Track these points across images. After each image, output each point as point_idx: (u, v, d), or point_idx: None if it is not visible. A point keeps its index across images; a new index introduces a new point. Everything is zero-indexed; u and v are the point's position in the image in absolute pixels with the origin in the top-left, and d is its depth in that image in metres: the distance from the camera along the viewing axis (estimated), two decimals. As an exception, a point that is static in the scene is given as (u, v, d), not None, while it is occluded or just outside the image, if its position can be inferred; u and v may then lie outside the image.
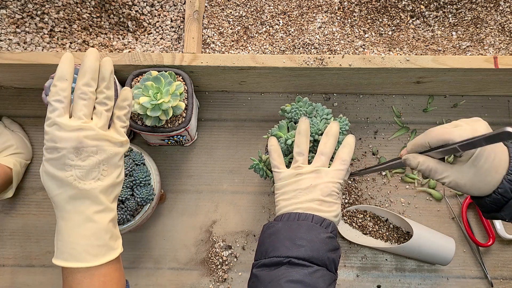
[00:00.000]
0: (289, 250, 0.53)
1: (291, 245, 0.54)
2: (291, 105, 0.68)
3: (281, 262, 0.53)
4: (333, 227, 0.57)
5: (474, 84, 0.79)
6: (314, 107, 0.68)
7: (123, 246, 0.79)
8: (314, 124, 0.64)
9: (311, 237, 0.54)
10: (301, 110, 0.66)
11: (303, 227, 0.55)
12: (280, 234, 0.55)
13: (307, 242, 0.54)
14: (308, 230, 0.55)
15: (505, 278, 0.77)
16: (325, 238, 0.55)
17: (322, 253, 0.53)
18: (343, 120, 0.68)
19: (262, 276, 0.53)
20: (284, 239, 0.55)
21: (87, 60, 0.53)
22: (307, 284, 0.51)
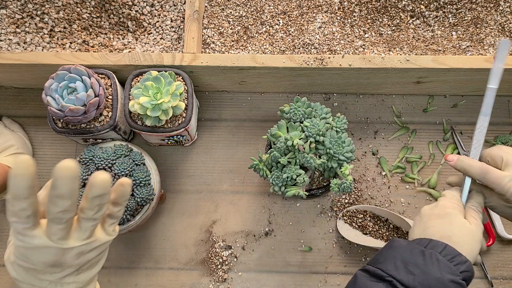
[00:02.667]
0: (396, 271, 0.47)
1: (401, 266, 0.47)
2: (290, 105, 0.68)
3: (383, 278, 0.47)
4: (468, 267, 0.47)
5: (474, 84, 0.79)
6: (313, 107, 0.68)
7: (123, 246, 0.80)
8: (314, 125, 0.64)
9: (429, 270, 0.46)
10: (299, 111, 0.66)
11: (425, 256, 0.47)
12: (398, 251, 0.49)
13: (421, 273, 0.46)
14: (430, 262, 0.46)
15: (505, 278, 0.77)
16: (447, 280, 0.45)
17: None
18: (341, 119, 0.68)
19: (360, 279, 0.49)
20: (398, 258, 0.48)
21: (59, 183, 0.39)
22: None
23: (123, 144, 0.73)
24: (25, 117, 0.86)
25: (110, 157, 0.69)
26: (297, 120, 0.66)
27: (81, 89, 0.68)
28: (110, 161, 0.69)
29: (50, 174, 0.83)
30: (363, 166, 0.83)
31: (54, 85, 0.68)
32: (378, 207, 0.79)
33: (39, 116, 0.85)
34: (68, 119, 0.68)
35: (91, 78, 0.69)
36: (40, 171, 0.83)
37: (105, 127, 0.71)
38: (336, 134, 0.65)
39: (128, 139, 0.81)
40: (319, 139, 0.64)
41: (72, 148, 0.84)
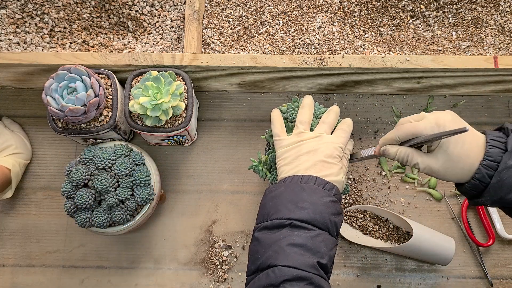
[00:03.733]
0: (292, 212, 0.52)
1: (293, 207, 0.53)
2: (287, 105, 0.68)
3: (283, 224, 0.52)
4: (336, 190, 0.56)
5: (474, 84, 0.79)
6: None
7: (123, 246, 0.80)
8: (313, 124, 0.64)
9: (314, 199, 0.53)
10: (296, 111, 0.66)
11: (306, 190, 0.54)
12: (283, 196, 0.55)
13: (310, 205, 0.53)
14: (311, 193, 0.54)
15: (505, 278, 0.77)
16: (328, 201, 0.54)
17: (324, 216, 0.53)
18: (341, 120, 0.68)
19: (263, 239, 0.53)
20: (286, 201, 0.54)
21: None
22: (308, 248, 0.50)
23: (123, 144, 0.73)
24: (25, 117, 0.86)
25: (110, 157, 0.69)
26: (294, 120, 0.66)
27: (81, 89, 0.68)
28: (110, 161, 0.69)
29: (49, 174, 0.83)
30: (363, 166, 0.83)
31: (54, 85, 0.68)
32: (378, 207, 0.79)
33: (39, 116, 0.85)
34: (68, 119, 0.68)
35: (91, 78, 0.69)
36: (40, 171, 0.83)
37: (105, 127, 0.71)
38: None
39: (128, 139, 0.81)
40: None
41: (72, 148, 0.84)
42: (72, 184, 0.68)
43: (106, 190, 0.67)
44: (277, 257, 0.50)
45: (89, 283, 0.78)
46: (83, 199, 0.67)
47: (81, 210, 0.68)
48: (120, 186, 0.69)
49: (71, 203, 0.68)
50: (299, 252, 0.50)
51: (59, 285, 0.78)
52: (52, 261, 0.79)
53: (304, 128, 0.62)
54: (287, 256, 0.49)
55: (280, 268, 0.49)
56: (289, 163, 0.59)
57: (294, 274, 0.48)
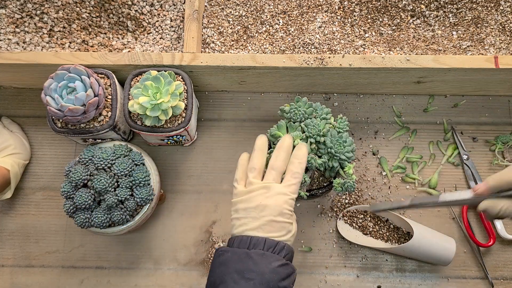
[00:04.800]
0: (237, 284, 0.51)
1: (239, 278, 0.51)
2: (290, 105, 0.68)
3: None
4: (287, 249, 0.55)
5: (475, 84, 0.79)
6: (314, 107, 0.68)
7: (123, 246, 0.79)
8: (314, 126, 0.64)
9: (261, 268, 0.52)
10: (300, 110, 0.66)
11: (252, 258, 0.52)
12: (230, 265, 0.53)
13: (256, 275, 0.51)
14: (259, 260, 0.52)
15: (506, 279, 0.77)
16: (276, 267, 0.52)
17: (272, 284, 0.51)
18: (343, 120, 0.68)
19: None
20: (233, 271, 0.52)
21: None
22: None
23: (123, 144, 0.73)
24: (25, 117, 0.85)
25: (110, 157, 0.69)
26: (297, 120, 0.66)
27: (80, 89, 0.67)
28: (110, 161, 0.69)
29: (49, 174, 0.83)
30: (364, 166, 0.82)
31: (54, 85, 0.68)
32: (379, 207, 0.78)
33: (38, 116, 0.85)
34: (68, 119, 0.68)
35: (91, 78, 0.69)
36: (39, 171, 0.83)
37: (105, 127, 0.71)
38: (336, 134, 0.65)
39: (127, 139, 0.81)
40: (319, 140, 0.64)
41: (71, 148, 0.84)
42: (71, 184, 0.67)
43: (105, 190, 0.67)
44: None
45: (88, 284, 0.78)
46: (82, 199, 0.66)
47: (80, 210, 0.68)
48: (119, 186, 0.68)
49: (71, 203, 0.68)
50: None
51: (59, 285, 0.78)
52: (51, 262, 0.79)
53: (254, 177, 0.59)
54: None
55: None
56: (239, 217, 0.58)
57: None
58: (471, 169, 0.81)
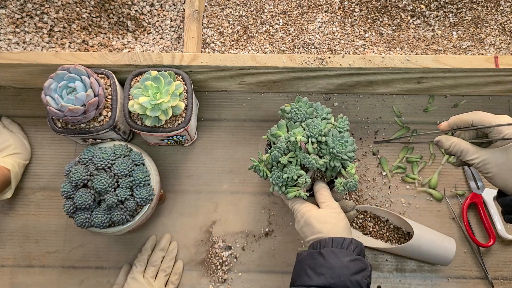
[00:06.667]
0: (310, 279, 0.55)
1: (312, 273, 0.55)
2: (291, 105, 0.68)
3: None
4: (355, 244, 0.58)
5: (475, 84, 0.79)
6: (314, 107, 0.68)
7: (123, 246, 0.79)
8: (315, 125, 0.64)
9: (331, 264, 0.55)
10: (300, 110, 0.66)
11: (323, 255, 0.56)
12: (304, 263, 0.58)
13: (327, 270, 0.55)
14: (329, 257, 0.56)
15: (506, 279, 0.77)
16: (347, 262, 0.55)
17: (343, 278, 0.54)
18: (344, 119, 0.68)
19: None
20: (307, 268, 0.57)
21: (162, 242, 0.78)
22: None
23: (123, 144, 0.73)
24: (25, 117, 0.85)
25: (110, 157, 0.69)
26: (298, 120, 0.66)
27: (80, 89, 0.67)
28: (110, 161, 0.69)
29: (49, 174, 0.83)
30: (364, 166, 0.82)
31: (54, 85, 0.68)
32: (379, 208, 0.78)
33: (38, 116, 0.85)
34: (68, 119, 0.68)
35: (91, 78, 0.69)
36: (39, 171, 0.83)
37: (105, 127, 0.71)
38: (338, 134, 0.65)
39: (127, 139, 0.81)
40: (321, 139, 0.64)
41: (71, 148, 0.84)
42: (71, 184, 0.67)
43: (105, 191, 0.67)
44: None
45: (88, 284, 0.78)
46: (82, 199, 0.66)
47: (80, 211, 0.68)
48: (119, 187, 0.68)
49: (71, 203, 0.68)
50: None
51: (59, 285, 0.78)
52: (51, 262, 0.79)
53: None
54: None
55: None
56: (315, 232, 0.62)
57: None
58: (471, 169, 0.81)
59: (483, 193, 0.79)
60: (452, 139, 0.57)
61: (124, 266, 0.77)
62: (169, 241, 0.79)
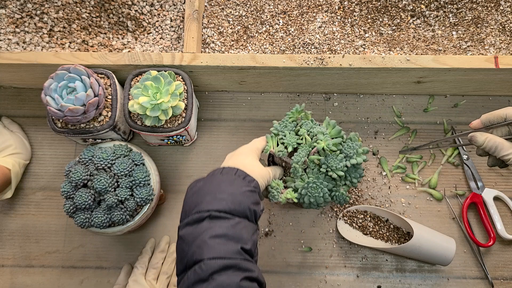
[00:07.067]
0: (210, 204, 0.53)
1: (212, 199, 0.54)
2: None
3: (202, 217, 0.53)
4: (256, 184, 0.58)
5: (475, 84, 0.79)
6: (352, 139, 0.66)
7: (123, 247, 0.79)
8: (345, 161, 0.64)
9: (232, 190, 0.55)
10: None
11: (224, 182, 0.56)
12: (202, 190, 0.56)
13: (228, 195, 0.54)
14: (230, 184, 0.56)
15: (506, 279, 0.77)
16: (246, 191, 0.55)
17: (243, 205, 0.54)
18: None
19: (186, 235, 0.53)
20: (205, 194, 0.55)
21: (162, 244, 0.78)
22: (230, 236, 0.51)
23: (123, 144, 0.73)
24: (25, 117, 0.85)
25: (110, 157, 0.69)
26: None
27: (80, 89, 0.67)
28: (110, 161, 0.69)
29: (49, 174, 0.83)
30: (364, 166, 0.82)
31: (54, 85, 0.68)
32: (379, 208, 0.78)
33: (38, 116, 0.85)
34: (68, 119, 0.68)
35: (91, 78, 0.69)
36: (39, 171, 0.83)
37: (105, 127, 0.71)
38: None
39: (127, 139, 0.81)
40: (338, 174, 0.63)
41: (71, 148, 0.84)
42: (71, 184, 0.67)
43: (105, 190, 0.67)
44: (202, 252, 0.50)
45: (88, 284, 0.78)
46: (82, 199, 0.66)
47: (80, 210, 0.68)
48: (119, 186, 0.68)
49: (71, 203, 0.68)
50: (222, 242, 0.50)
51: (59, 285, 0.78)
52: (51, 262, 0.79)
53: None
54: (210, 249, 0.50)
55: (206, 262, 0.49)
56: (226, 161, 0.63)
57: (221, 264, 0.49)
58: (471, 169, 0.81)
59: (483, 193, 0.79)
60: (486, 134, 0.55)
61: (125, 266, 0.77)
62: (168, 242, 0.79)
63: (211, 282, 0.47)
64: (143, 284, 0.72)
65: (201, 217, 0.52)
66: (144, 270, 0.75)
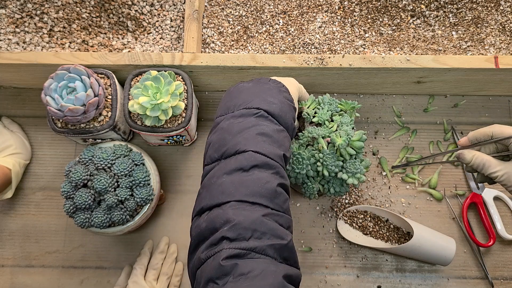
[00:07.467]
0: (261, 104, 0.54)
1: (262, 100, 0.55)
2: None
3: (251, 113, 0.53)
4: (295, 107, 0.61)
5: (475, 84, 0.79)
6: None
7: (123, 247, 0.79)
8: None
9: (281, 99, 0.56)
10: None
11: (273, 90, 0.57)
12: (251, 91, 0.57)
13: (278, 102, 0.56)
14: (278, 93, 0.57)
15: (506, 279, 0.77)
16: (290, 104, 0.58)
17: (288, 116, 0.56)
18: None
19: (230, 127, 0.53)
20: (255, 95, 0.56)
21: (161, 245, 0.78)
22: (275, 139, 0.52)
23: (123, 144, 0.73)
24: (25, 117, 0.85)
25: (110, 157, 0.69)
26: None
27: (80, 89, 0.67)
28: (110, 161, 0.69)
29: (49, 174, 0.83)
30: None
31: (54, 85, 0.68)
32: (379, 208, 0.78)
33: (38, 116, 0.85)
34: (68, 119, 0.68)
35: (91, 78, 0.69)
36: (39, 171, 0.83)
37: (105, 127, 0.71)
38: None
39: (127, 139, 0.81)
40: None
41: (71, 148, 0.84)
42: (71, 184, 0.67)
43: (105, 190, 0.67)
44: (247, 143, 0.50)
45: (88, 284, 0.78)
46: (82, 199, 0.66)
47: (80, 210, 0.68)
48: (119, 186, 0.68)
49: (71, 203, 0.68)
50: (268, 141, 0.51)
51: (59, 285, 0.78)
52: (51, 262, 0.79)
53: None
54: (257, 143, 0.50)
55: (251, 153, 0.50)
56: None
57: (264, 161, 0.50)
58: (471, 169, 0.81)
59: (483, 193, 0.79)
60: (474, 152, 0.56)
61: (126, 267, 0.77)
62: (168, 243, 0.79)
63: (251, 173, 0.49)
64: (143, 285, 0.72)
65: (249, 113, 0.53)
66: (143, 271, 0.75)
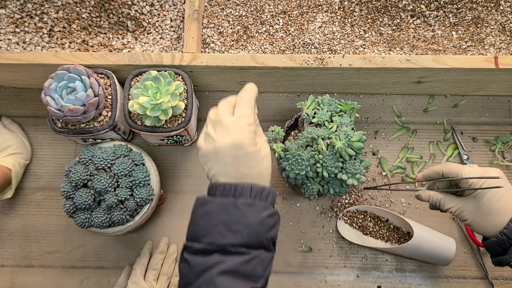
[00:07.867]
0: (224, 237, 0.48)
1: (225, 231, 0.48)
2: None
3: (214, 250, 0.48)
4: (273, 194, 0.51)
5: (475, 84, 0.79)
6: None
7: (123, 246, 0.79)
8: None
9: (248, 220, 0.48)
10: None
11: (240, 208, 0.48)
12: (214, 216, 0.49)
13: (244, 227, 0.48)
14: (247, 211, 0.48)
15: (506, 279, 0.77)
16: (265, 217, 0.49)
17: (260, 236, 0.48)
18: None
19: (194, 263, 0.48)
20: (218, 223, 0.48)
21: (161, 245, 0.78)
22: (242, 274, 0.47)
23: (123, 144, 0.73)
24: (25, 117, 0.85)
25: (110, 157, 0.69)
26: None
27: (80, 89, 0.67)
28: (110, 161, 0.69)
29: (49, 174, 0.83)
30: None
31: (54, 85, 0.68)
32: (379, 208, 0.78)
33: (38, 116, 0.85)
34: (68, 119, 0.68)
35: (91, 78, 0.69)
36: (39, 171, 0.83)
37: (105, 127, 0.71)
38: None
39: (127, 139, 0.81)
40: None
41: (71, 148, 0.84)
42: (71, 184, 0.67)
43: (105, 190, 0.67)
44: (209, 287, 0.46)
45: (88, 284, 0.78)
46: (82, 199, 0.66)
47: (80, 210, 0.68)
48: (119, 186, 0.68)
49: (71, 203, 0.68)
50: (231, 281, 0.46)
51: (59, 285, 0.78)
52: (51, 262, 0.79)
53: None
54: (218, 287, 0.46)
55: None
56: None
57: None
58: (471, 169, 0.81)
59: (483, 193, 0.79)
60: (428, 192, 0.62)
61: (126, 267, 0.77)
62: (167, 243, 0.79)
63: None
64: (143, 285, 0.72)
65: (212, 250, 0.48)
66: (143, 271, 0.75)
